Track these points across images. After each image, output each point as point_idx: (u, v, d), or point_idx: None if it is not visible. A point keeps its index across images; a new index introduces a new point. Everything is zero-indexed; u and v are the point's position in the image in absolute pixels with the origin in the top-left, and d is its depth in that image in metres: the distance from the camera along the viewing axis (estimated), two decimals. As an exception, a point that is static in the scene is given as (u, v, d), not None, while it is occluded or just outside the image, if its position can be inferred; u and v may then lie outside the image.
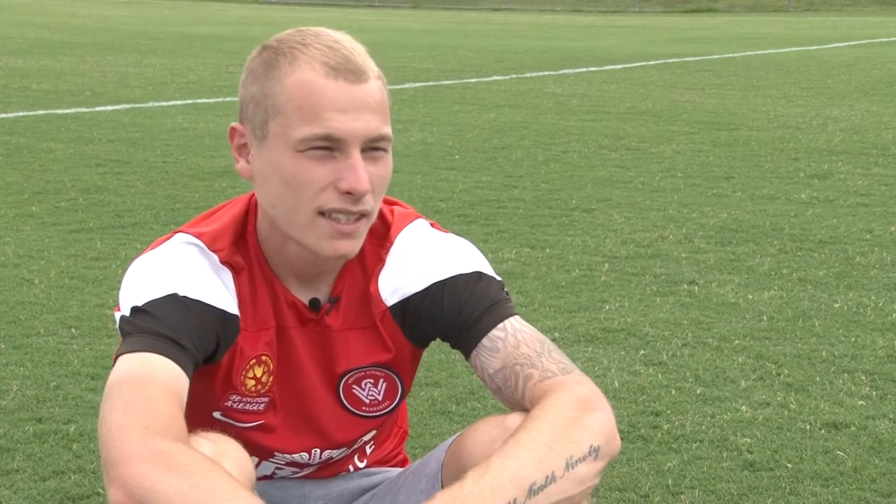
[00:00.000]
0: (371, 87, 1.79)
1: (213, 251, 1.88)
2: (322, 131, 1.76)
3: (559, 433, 1.69)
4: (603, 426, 1.74)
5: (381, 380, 2.00)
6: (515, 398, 1.84)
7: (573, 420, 1.72)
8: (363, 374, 1.98)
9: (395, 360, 1.99)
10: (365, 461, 2.20)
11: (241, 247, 1.91)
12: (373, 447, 2.19)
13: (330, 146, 1.77)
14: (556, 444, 1.68)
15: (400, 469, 2.21)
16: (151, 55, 16.52)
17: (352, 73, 1.77)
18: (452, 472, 1.86)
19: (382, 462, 2.23)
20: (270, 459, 2.05)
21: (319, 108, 1.76)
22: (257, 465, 1.99)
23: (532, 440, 1.67)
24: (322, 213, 1.79)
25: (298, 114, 1.77)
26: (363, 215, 1.81)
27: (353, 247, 1.83)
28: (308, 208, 1.79)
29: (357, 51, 1.81)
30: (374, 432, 2.12)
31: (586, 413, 1.74)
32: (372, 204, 1.82)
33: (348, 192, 1.77)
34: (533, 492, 1.63)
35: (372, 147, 1.79)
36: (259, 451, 1.99)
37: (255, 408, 1.96)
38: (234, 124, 1.88)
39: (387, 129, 1.81)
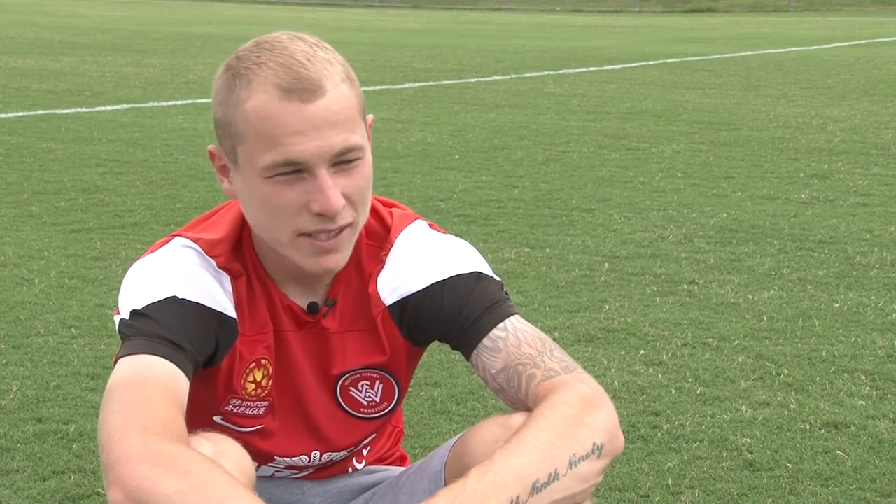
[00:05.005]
0: (329, 99, 1.74)
1: (210, 256, 1.88)
2: (283, 158, 1.73)
3: (562, 431, 1.69)
4: (606, 424, 1.74)
5: (378, 381, 2.00)
6: (519, 398, 1.84)
7: (576, 418, 1.72)
8: (359, 375, 1.98)
9: (390, 362, 1.99)
10: (363, 462, 2.20)
11: (238, 252, 1.91)
12: (368, 449, 2.19)
13: (296, 169, 1.75)
14: (560, 441, 1.68)
15: (400, 468, 2.21)
16: (151, 55, 16.52)
17: (305, 91, 1.72)
18: (455, 472, 1.86)
19: (379, 461, 2.23)
20: (270, 464, 2.05)
21: (277, 133, 1.73)
22: (256, 469, 1.99)
23: (535, 438, 1.67)
24: (302, 234, 1.79)
25: (258, 141, 1.74)
26: (345, 228, 1.80)
27: (338, 261, 1.82)
28: (287, 231, 1.78)
29: (314, 60, 1.75)
30: (374, 435, 2.12)
31: (590, 411, 1.74)
32: (353, 215, 1.80)
33: (320, 214, 1.76)
34: (536, 489, 1.63)
35: (342, 160, 1.76)
36: (259, 457, 1.99)
37: (255, 412, 1.96)
38: (211, 147, 1.86)
39: (354, 139, 1.76)
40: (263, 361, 1.93)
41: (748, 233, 6.09)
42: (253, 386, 1.94)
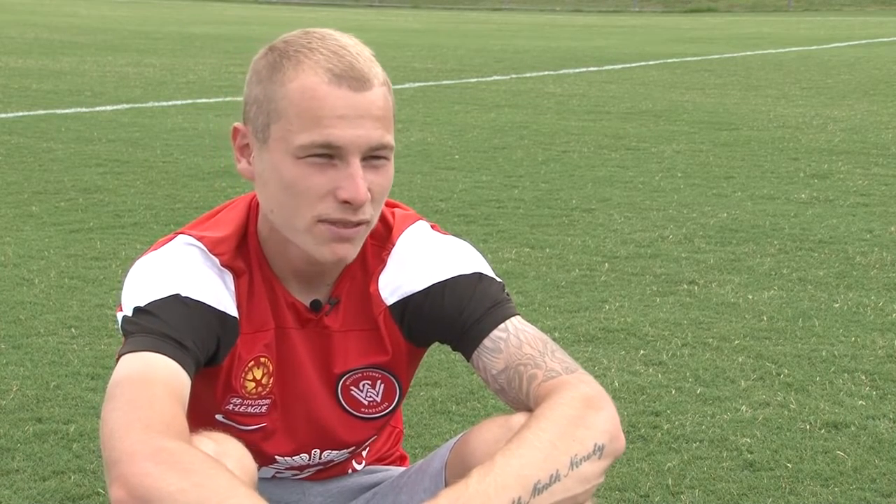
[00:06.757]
0: (374, 94, 1.77)
1: (214, 254, 1.88)
2: (321, 139, 1.75)
3: (563, 432, 1.69)
4: (607, 425, 1.74)
5: (379, 381, 2.00)
6: (520, 399, 1.84)
7: (577, 418, 1.72)
8: (360, 375, 1.98)
9: (391, 362, 1.99)
10: (363, 463, 2.20)
11: (243, 249, 1.91)
12: (367, 449, 2.19)
13: (330, 154, 1.76)
14: (561, 442, 1.68)
15: (401, 468, 2.21)
16: (151, 55, 16.52)
17: (355, 80, 1.76)
18: (456, 472, 1.86)
19: (379, 460, 2.24)
20: (271, 465, 2.05)
21: (320, 115, 1.75)
22: (258, 469, 1.99)
23: (536, 438, 1.67)
24: (321, 221, 1.79)
25: (299, 120, 1.76)
26: (362, 223, 1.81)
27: (351, 251, 1.83)
28: (307, 215, 1.79)
29: (363, 57, 1.79)
30: (375, 437, 2.12)
31: (591, 412, 1.74)
32: (371, 213, 1.81)
33: (346, 202, 1.77)
34: (537, 490, 1.63)
35: (373, 156, 1.78)
36: (261, 457, 1.99)
37: (257, 410, 1.96)
38: (236, 124, 1.87)
39: (388, 138, 1.79)
40: (263, 359, 1.93)
41: (748, 233, 6.09)
42: (253, 384, 1.94)
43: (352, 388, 1.99)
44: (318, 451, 2.04)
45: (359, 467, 2.19)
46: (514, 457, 1.64)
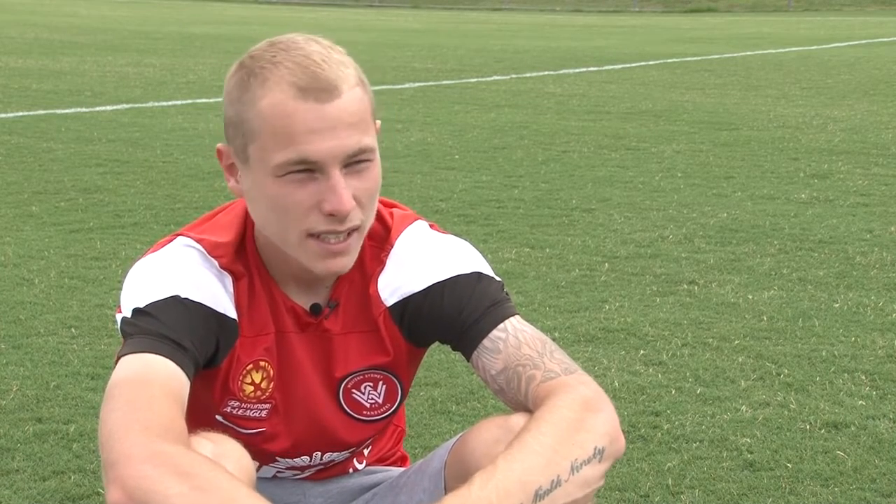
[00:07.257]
0: (345, 101, 1.75)
1: (213, 256, 1.88)
2: (296, 156, 1.74)
3: (563, 436, 1.69)
4: (607, 427, 1.73)
5: (381, 382, 2.00)
6: (518, 399, 1.83)
7: (577, 422, 1.71)
8: (362, 377, 1.98)
9: (393, 363, 1.98)
10: (364, 462, 2.20)
11: (241, 253, 1.91)
12: (369, 448, 2.19)
13: (309, 168, 1.75)
14: (561, 446, 1.67)
15: (400, 468, 2.21)
16: (151, 55, 16.51)
17: (322, 91, 1.73)
18: (455, 472, 1.86)
19: (380, 461, 2.23)
20: (272, 464, 2.05)
21: (291, 131, 1.73)
22: (258, 469, 1.99)
23: (537, 443, 1.67)
24: (311, 235, 1.79)
25: (273, 139, 1.75)
26: (353, 230, 1.80)
27: (345, 264, 1.83)
28: (296, 231, 1.78)
29: (329, 62, 1.76)
30: (377, 434, 2.12)
31: (590, 414, 1.73)
32: (361, 218, 1.80)
33: (331, 214, 1.76)
34: (539, 496, 1.63)
35: (353, 161, 1.77)
36: (261, 457, 1.99)
37: (257, 414, 1.96)
38: (220, 145, 1.87)
39: (367, 141, 1.77)
40: (262, 363, 1.93)
41: (748, 233, 6.09)
42: (251, 388, 1.93)
43: (353, 390, 1.99)
44: (320, 453, 2.04)
45: (360, 466, 2.19)
46: (516, 461, 1.64)
